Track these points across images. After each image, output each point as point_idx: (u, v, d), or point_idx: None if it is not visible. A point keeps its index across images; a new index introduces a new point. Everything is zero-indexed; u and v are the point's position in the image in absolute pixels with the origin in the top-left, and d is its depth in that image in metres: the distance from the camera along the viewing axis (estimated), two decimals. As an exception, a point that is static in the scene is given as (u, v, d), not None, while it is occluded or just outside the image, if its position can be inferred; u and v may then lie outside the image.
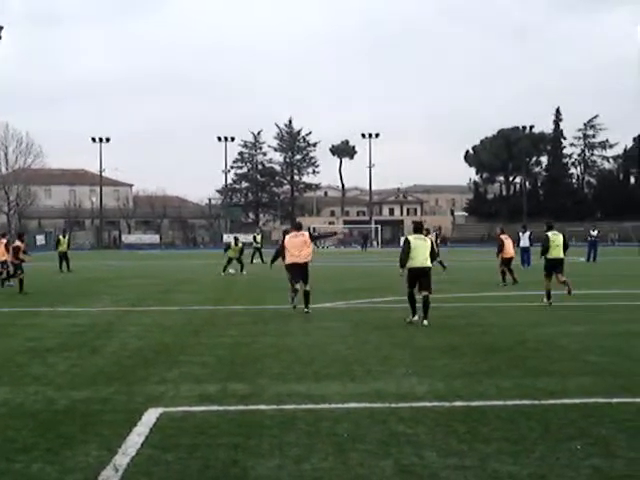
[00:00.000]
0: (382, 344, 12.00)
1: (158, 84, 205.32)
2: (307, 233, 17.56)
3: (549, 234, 18.71)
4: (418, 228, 15.87)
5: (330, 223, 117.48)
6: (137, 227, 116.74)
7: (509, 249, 25.67)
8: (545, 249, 18.63)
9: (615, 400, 7.87)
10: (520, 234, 36.44)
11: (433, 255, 15.64)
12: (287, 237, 17.20)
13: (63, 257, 36.20)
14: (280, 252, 18.06)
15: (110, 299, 20.66)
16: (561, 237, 18.82)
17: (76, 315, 16.67)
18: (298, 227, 17.70)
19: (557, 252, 18.55)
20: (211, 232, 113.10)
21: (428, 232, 20.33)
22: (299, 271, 16.82)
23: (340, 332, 13.50)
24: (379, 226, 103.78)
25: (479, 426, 6.88)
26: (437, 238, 36.93)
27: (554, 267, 18.49)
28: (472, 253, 48.84)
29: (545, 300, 17.92)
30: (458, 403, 7.79)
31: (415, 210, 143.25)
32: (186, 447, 6.31)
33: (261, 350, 11.49)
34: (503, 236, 26.24)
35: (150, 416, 7.33)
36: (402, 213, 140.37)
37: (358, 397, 8.13)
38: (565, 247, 18.69)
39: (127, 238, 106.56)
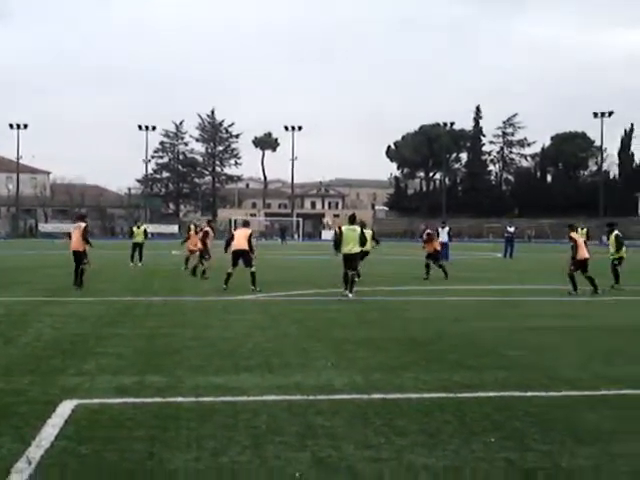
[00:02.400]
0: (301, 337, 12.02)
1: (79, 72, 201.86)
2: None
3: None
4: (352, 219, 19.42)
5: (252, 215, 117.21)
6: (54, 216, 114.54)
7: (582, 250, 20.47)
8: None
9: (529, 394, 8.03)
10: (439, 230, 36.92)
11: (363, 243, 19.03)
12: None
13: None
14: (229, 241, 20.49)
15: (25, 289, 20.24)
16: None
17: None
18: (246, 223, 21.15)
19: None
20: (130, 222, 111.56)
21: (364, 224, 20.57)
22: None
23: (260, 324, 13.48)
24: (300, 219, 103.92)
25: (396, 419, 6.95)
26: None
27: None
28: (392, 247, 49.26)
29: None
30: (376, 396, 7.85)
31: (337, 204, 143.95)
32: (101, 439, 6.22)
33: (180, 342, 11.40)
34: (575, 235, 21.04)
35: (65, 408, 7.20)
36: (324, 206, 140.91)
37: (276, 389, 8.13)
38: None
39: (44, 227, 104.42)
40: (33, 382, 8.38)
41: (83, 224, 21.33)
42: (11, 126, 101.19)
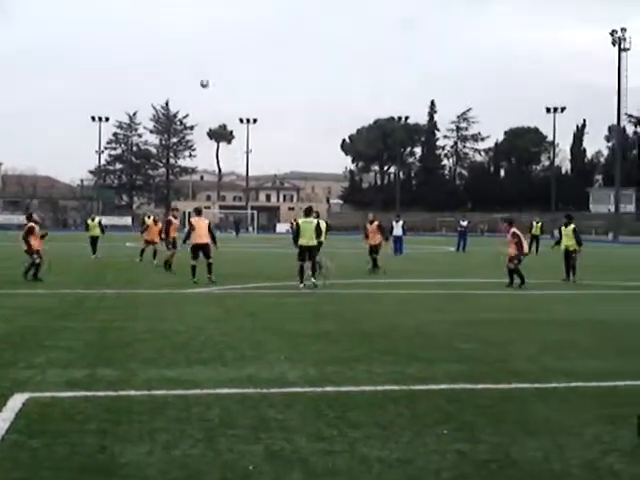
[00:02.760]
0: (255, 330, 12.02)
1: (30, 61, 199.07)
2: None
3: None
4: (308, 212, 19.92)
5: (206, 207, 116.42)
6: (5, 207, 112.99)
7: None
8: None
9: (480, 386, 8.12)
10: (394, 223, 37.12)
11: (318, 235, 19.57)
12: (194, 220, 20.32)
13: None
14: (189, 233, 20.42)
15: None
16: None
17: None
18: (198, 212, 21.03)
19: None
20: (83, 214, 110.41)
21: (318, 215, 21.05)
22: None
23: (214, 317, 13.45)
24: (255, 212, 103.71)
25: (349, 411, 6.98)
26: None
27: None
28: (346, 241, 49.35)
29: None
30: (329, 388, 7.88)
31: (292, 197, 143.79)
32: (53, 433, 6.17)
33: (132, 335, 11.32)
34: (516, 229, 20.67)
35: (16, 401, 7.12)
36: (279, 199, 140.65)
37: (230, 382, 8.12)
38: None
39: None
40: (-18, 375, 8.27)
41: (28, 224, 20.81)
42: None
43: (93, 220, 33.65)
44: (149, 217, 32.58)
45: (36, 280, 19.62)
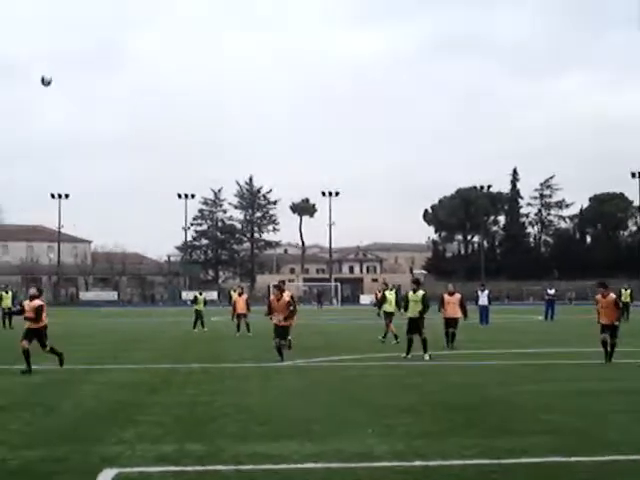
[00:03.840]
0: (341, 403, 11.94)
1: (118, 141, 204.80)
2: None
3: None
4: (416, 283, 20.58)
5: (290, 280, 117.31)
6: (95, 284, 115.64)
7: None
8: None
9: (574, 459, 7.88)
10: (479, 292, 36.77)
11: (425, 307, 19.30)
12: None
13: (7, 313, 35.61)
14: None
15: (65, 357, 20.33)
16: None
17: (30, 373, 16.39)
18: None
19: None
20: (170, 289, 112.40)
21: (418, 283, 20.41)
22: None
23: (299, 391, 13.41)
24: (339, 284, 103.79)
25: (438, 486, 6.84)
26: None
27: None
28: (431, 312, 48.95)
29: None
30: (418, 463, 7.74)
31: (375, 268, 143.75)
32: (141, 509, 6.20)
33: (219, 409, 11.37)
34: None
35: (106, 477, 7.20)
36: (362, 271, 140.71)
37: (317, 457, 8.05)
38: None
39: (85, 295, 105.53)
40: (74, 450, 8.39)
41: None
42: (52, 196, 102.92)
43: (201, 294, 34.78)
44: (234, 290, 33.38)
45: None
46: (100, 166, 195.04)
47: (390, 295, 25.15)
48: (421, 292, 19.56)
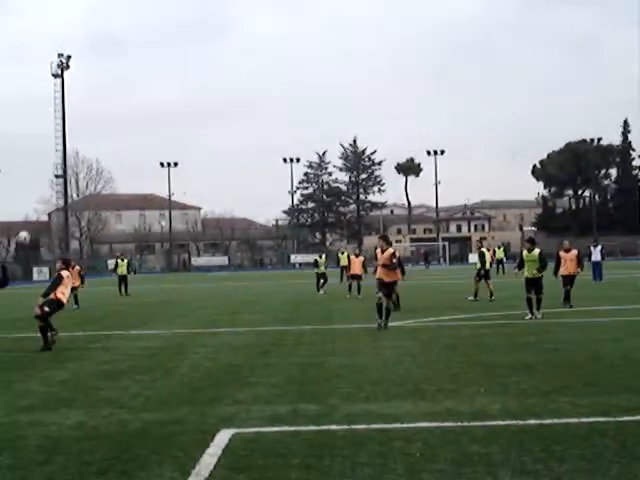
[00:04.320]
0: (452, 362, 11.89)
1: (223, 108, 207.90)
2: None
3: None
4: (532, 242, 19.80)
5: (397, 241, 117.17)
6: (206, 250, 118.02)
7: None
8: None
9: (695, 417, 7.68)
10: (592, 248, 36.01)
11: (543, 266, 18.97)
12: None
13: (122, 280, 36.69)
14: None
15: (180, 321, 20.89)
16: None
17: (148, 338, 16.89)
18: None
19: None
20: (278, 253, 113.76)
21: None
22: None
23: (410, 351, 13.41)
24: (446, 243, 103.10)
25: (553, 445, 6.76)
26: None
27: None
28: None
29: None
30: (531, 421, 7.67)
31: (483, 226, 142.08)
32: (258, 468, 6.32)
33: (331, 370, 11.48)
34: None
35: (222, 437, 7.36)
36: (470, 230, 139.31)
37: (429, 416, 8.06)
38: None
39: (196, 261, 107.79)
40: (191, 412, 8.61)
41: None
42: (162, 164, 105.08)
43: (321, 258, 34.57)
44: (342, 253, 33.50)
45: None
46: (207, 134, 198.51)
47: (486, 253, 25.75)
48: (537, 251, 19.20)
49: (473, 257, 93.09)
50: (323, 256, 34.83)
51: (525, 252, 19.43)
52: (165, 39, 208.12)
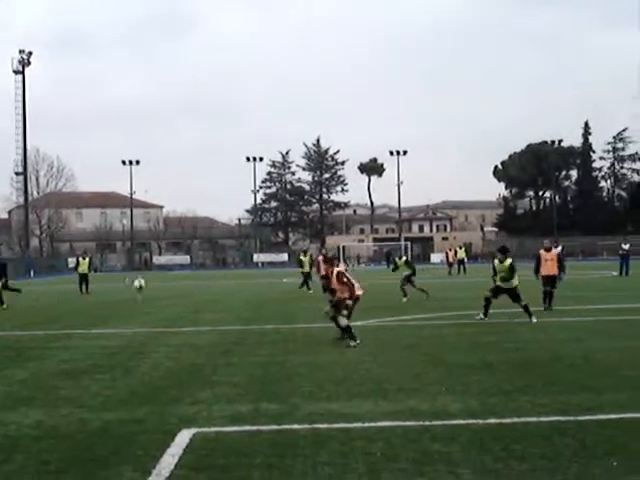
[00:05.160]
0: (414, 362, 11.93)
1: (187, 106, 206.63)
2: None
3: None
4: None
5: (360, 241, 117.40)
6: (168, 248, 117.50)
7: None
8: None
9: (652, 415, 7.77)
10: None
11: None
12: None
13: (83, 279, 36.44)
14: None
15: (142, 320, 20.74)
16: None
17: (108, 337, 16.76)
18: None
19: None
20: (241, 252, 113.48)
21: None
22: None
23: (371, 350, 13.44)
24: (409, 243, 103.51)
25: (514, 444, 6.81)
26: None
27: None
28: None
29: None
30: (492, 420, 7.72)
31: (445, 226, 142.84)
32: (220, 467, 6.30)
33: (293, 369, 11.47)
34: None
35: (183, 437, 7.33)
36: (432, 230, 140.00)
37: (391, 415, 8.08)
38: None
39: (158, 259, 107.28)
40: (152, 412, 8.56)
41: None
42: (124, 162, 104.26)
43: (306, 256, 33.97)
44: (305, 254, 33.48)
45: None
46: (169, 132, 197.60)
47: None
48: (509, 261, 18.50)
49: (435, 257, 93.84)
50: (308, 255, 34.23)
51: (497, 262, 18.74)
52: (131, 35, 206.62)
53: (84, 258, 37.39)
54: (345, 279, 14.85)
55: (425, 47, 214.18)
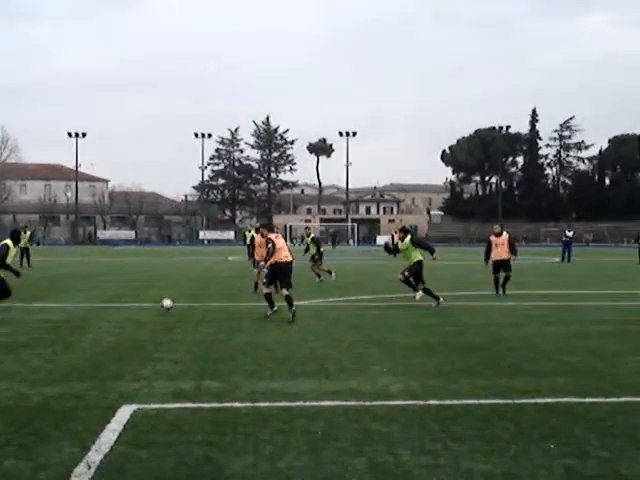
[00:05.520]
0: (357, 342, 12.00)
1: (135, 80, 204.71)
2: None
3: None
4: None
5: (307, 221, 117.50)
6: (112, 223, 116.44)
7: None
8: None
9: (588, 400, 7.92)
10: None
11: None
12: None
13: (24, 252, 35.92)
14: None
15: (84, 295, 20.54)
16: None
17: (50, 311, 16.57)
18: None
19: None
20: (187, 229, 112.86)
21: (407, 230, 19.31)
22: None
23: (315, 330, 13.49)
24: (355, 224, 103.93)
25: (453, 425, 6.90)
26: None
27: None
28: (448, 252, 48.96)
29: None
30: (432, 402, 7.81)
31: (391, 209, 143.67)
32: (160, 444, 6.29)
33: (236, 347, 11.46)
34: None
35: (124, 413, 7.29)
36: (379, 212, 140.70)
37: (332, 395, 8.13)
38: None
39: (103, 234, 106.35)
40: (92, 387, 8.50)
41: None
42: (70, 134, 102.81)
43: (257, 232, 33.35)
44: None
45: None
46: (117, 105, 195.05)
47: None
48: (407, 239, 18.21)
49: (381, 239, 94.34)
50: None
51: (399, 242, 18.55)
52: (78, 7, 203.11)
53: (26, 232, 36.85)
54: (270, 244, 15.11)
55: (376, 28, 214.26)
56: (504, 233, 21.60)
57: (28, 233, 36.91)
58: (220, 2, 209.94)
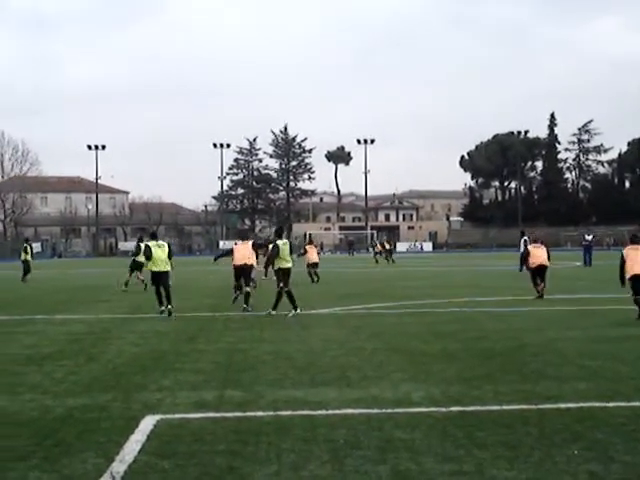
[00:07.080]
0: (378, 350, 11.99)
1: (154, 91, 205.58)
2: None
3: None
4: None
5: (326, 229, 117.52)
6: (133, 234, 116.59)
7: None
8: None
9: (611, 404, 7.88)
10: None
11: None
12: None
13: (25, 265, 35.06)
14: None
15: (106, 306, 20.64)
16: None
17: (73, 323, 16.66)
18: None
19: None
20: (207, 239, 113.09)
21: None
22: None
23: (336, 338, 13.50)
24: (375, 232, 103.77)
25: (476, 431, 6.88)
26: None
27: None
28: (467, 258, 48.79)
29: None
30: (454, 408, 7.79)
31: (411, 216, 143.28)
32: (183, 454, 6.31)
33: (257, 356, 11.49)
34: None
35: (147, 423, 7.32)
36: (398, 219, 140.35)
37: (354, 403, 8.13)
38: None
39: (123, 245, 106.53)
40: (116, 398, 8.55)
41: None
42: (89, 147, 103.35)
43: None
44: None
45: None
46: (135, 117, 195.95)
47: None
48: (284, 243, 18.07)
49: (401, 246, 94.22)
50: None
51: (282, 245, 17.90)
52: (98, 20, 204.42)
53: (26, 247, 36.11)
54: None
55: (394, 37, 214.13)
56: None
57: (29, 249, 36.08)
58: (237, 12, 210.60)
